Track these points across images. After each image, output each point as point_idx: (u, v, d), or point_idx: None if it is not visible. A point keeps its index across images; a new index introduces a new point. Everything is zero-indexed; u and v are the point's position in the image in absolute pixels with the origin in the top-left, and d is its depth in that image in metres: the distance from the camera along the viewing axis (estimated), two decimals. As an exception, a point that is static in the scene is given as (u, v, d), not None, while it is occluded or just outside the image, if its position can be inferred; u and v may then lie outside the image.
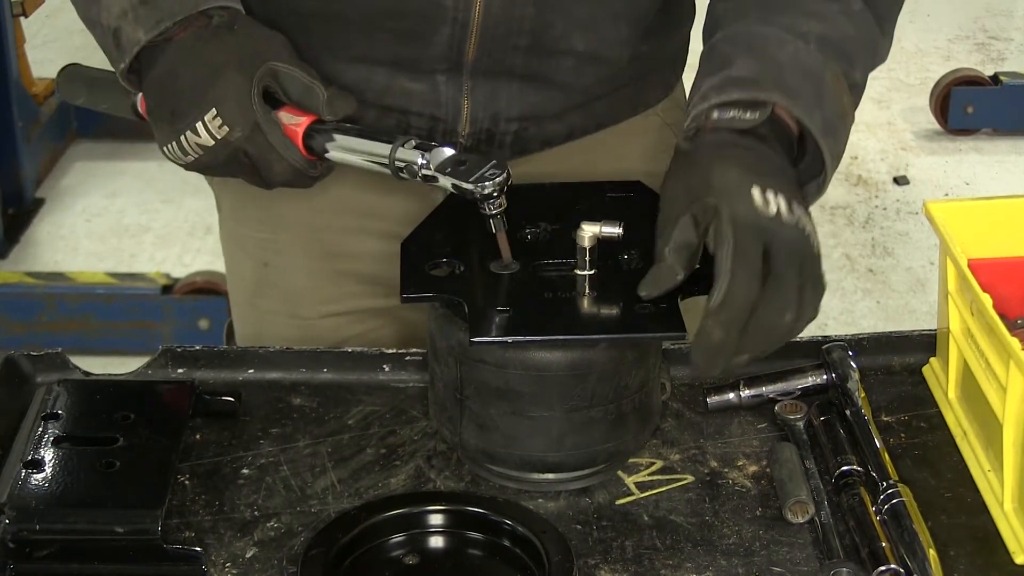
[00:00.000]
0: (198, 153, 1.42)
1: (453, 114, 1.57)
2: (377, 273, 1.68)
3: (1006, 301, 1.48)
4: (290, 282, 1.73)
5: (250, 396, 1.53)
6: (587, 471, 1.42)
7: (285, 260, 1.73)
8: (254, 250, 1.75)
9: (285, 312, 1.74)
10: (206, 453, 1.46)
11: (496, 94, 1.56)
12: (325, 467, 1.45)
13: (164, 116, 1.44)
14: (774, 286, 1.30)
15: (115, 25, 1.43)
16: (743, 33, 1.45)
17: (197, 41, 1.42)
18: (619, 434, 1.40)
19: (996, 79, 4.74)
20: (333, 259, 1.70)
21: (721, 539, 1.37)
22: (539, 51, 1.54)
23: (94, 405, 1.46)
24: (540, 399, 1.37)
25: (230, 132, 1.40)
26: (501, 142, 1.60)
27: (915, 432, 1.50)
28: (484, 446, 1.41)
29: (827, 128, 1.40)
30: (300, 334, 1.71)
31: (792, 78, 1.40)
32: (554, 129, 1.63)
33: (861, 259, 4.18)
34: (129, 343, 3.56)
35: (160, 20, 1.41)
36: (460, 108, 1.56)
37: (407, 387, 1.56)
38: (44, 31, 5.19)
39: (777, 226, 1.30)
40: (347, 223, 1.68)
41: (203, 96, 1.40)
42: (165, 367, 1.56)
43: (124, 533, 1.31)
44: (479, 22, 1.49)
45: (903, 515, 1.34)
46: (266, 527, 1.37)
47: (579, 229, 1.39)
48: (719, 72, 1.41)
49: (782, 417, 1.50)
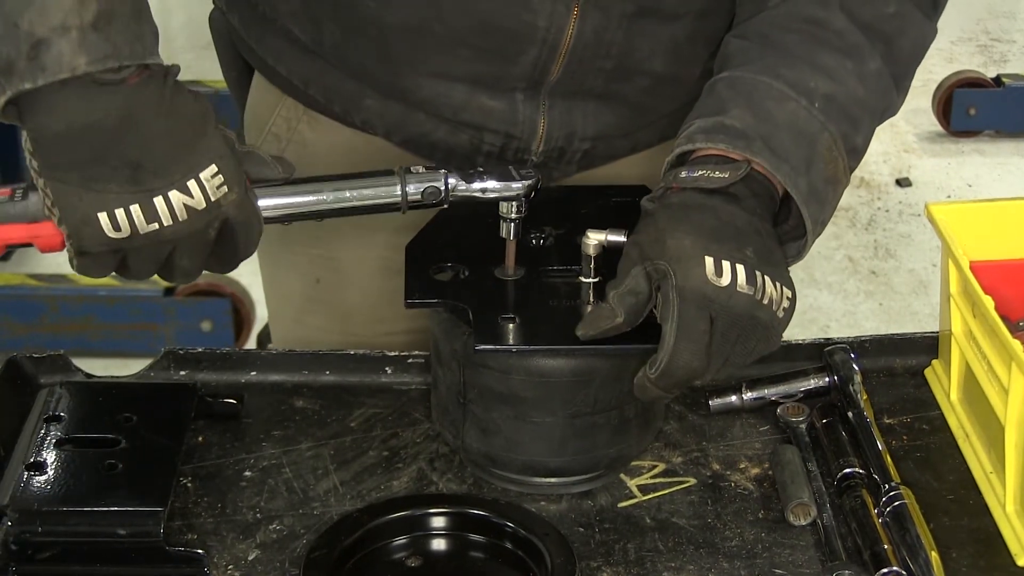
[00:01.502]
0: (171, 221, 1.25)
1: (528, 132, 1.55)
2: None
3: (1008, 303, 1.48)
4: (344, 299, 1.71)
5: (252, 398, 1.53)
6: (589, 475, 1.42)
7: (340, 277, 1.70)
8: (306, 266, 1.71)
9: (338, 330, 1.71)
10: (208, 455, 1.46)
11: (572, 113, 1.56)
12: (327, 469, 1.45)
13: (109, 173, 1.23)
14: (718, 355, 1.29)
15: (43, 36, 1.19)
16: (748, 80, 1.42)
17: (162, 90, 1.25)
18: (622, 439, 1.40)
19: (998, 81, 4.74)
20: (390, 277, 1.63)
21: (723, 541, 1.37)
22: (620, 73, 1.53)
23: (96, 407, 1.46)
24: (543, 404, 1.37)
25: (228, 192, 1.27)
26: (571, 159, 1.60)
27: (917, 434, 1.50)
28: (486, 450, 1.40)
29: (812, 194, 1.37)
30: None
31: (783, 138, 1.37)
32: (621, 144, 1.63)
33: (863, 261, 4.17)
34: (131, 345, 3.56)
35: (109, 56, 1.20)
36: (536, 126, 1.55)
37: (410, 389, 1.56)
38: (46, 33, 5.18)
39: (726, 297, 1.28)
40: (403, 241, 1.60)
41: (193, 150, 1.25)
42: (167, 369, 1.56)
43: (126, 535, 1.31)
44: (569, 45, 1.48)
45: (905, 517, 1.34)
46: (268, 529, 1.37)
47: (585, 237, 1.38)
48: (713, 115, 1.39)
49: (784, 419, 1.50)
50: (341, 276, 1.70)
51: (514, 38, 1.48)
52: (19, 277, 3.77)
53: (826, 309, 3.96)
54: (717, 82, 1.44)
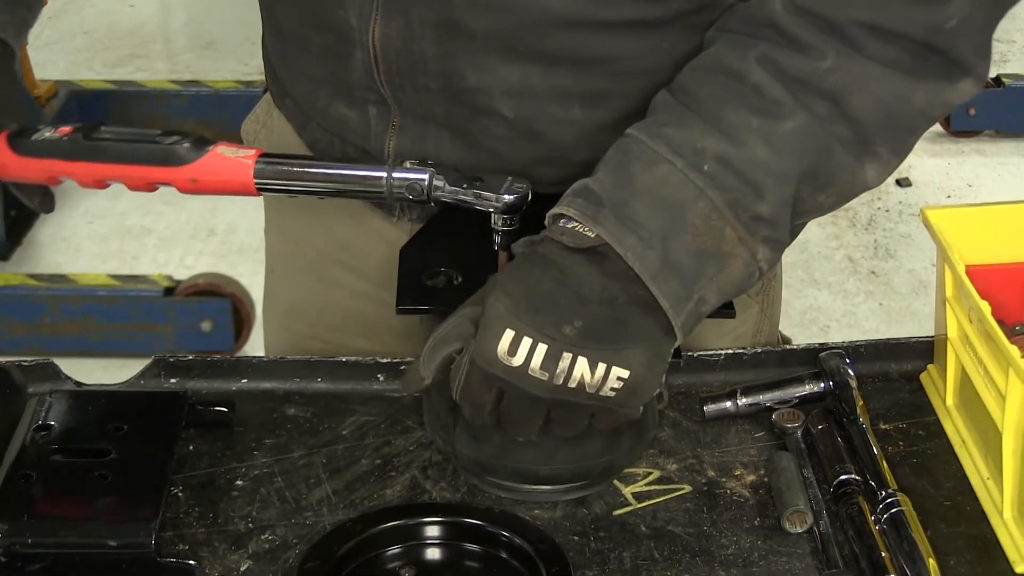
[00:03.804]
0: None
1: (379, 150, 1.50)
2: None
3: (1004, 307, 1.47)
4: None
5: (244, 406, 1.52)
6: (581, 483, 1.41)
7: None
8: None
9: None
10: (200, 464, 1.45)
11: (424, 139, 1.47)
12: (320, 478, 1.44)
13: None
14: (525, 423, 1.29)
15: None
16: (628, 139, 1.30)
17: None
18: (614, 448, 1.40)
19: (999, 81, 4.73)
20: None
21: (719, 549, 1.36)
22: (459, 103, 1.43)
23: (86, 416, 1.45)
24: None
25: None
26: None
27: (913, 440, 1.50)
28: (477, 456, 1.40)
29: (668, 268, 1.24)
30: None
31: (636, 206, 1.25)
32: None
33: (864, 261, 4.17)
34: (131, 345, 3.57)
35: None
36: (385, 145, 1.49)
37: (402, 397, 1.55)
38: (46, 33, 5.19)
39: (516, 378, 1.24)
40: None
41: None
42: (158, 377, 1.55)
43: (117, 547, 1.30)
44: (378, 48, 1.42)
45: (903, 524, 1.33)
46: (261, 539, 1.37)
47: None
48: (590, 176, 1.30)
49: (779, 425, 1.49)
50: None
51: (339, 36, 1.44)
52: (19, 277, 3.77)
53: (826, 309, 3.95)
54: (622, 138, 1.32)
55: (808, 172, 1.29)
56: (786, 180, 1.28)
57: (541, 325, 1.23)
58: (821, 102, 1.28)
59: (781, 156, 1.27)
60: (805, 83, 1.28)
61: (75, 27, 5.40)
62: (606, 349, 1.24)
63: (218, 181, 1.36)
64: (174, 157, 1.36)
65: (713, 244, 1.26)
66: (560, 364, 1.23)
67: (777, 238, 1.29)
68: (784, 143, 1.27)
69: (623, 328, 1.25)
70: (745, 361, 1.57)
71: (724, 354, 1.57)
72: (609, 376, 1.24)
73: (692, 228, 1.25)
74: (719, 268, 1.27)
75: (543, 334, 1.23)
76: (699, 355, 1.57)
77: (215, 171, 1.36)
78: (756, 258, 1.28)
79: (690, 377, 1.57)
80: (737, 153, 1.26)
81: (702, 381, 1.57)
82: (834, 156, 1.29)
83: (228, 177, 1.36)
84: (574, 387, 1.24)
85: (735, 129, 1.27)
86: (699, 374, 1.57)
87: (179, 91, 4.54)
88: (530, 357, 1.23)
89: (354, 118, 1.50)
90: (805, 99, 1.27)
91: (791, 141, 1.27)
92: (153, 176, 1.37)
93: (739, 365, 1.57)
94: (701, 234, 1.25)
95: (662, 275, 1.25)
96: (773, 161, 1.27)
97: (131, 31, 5.42)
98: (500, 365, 1.24)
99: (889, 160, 1.33)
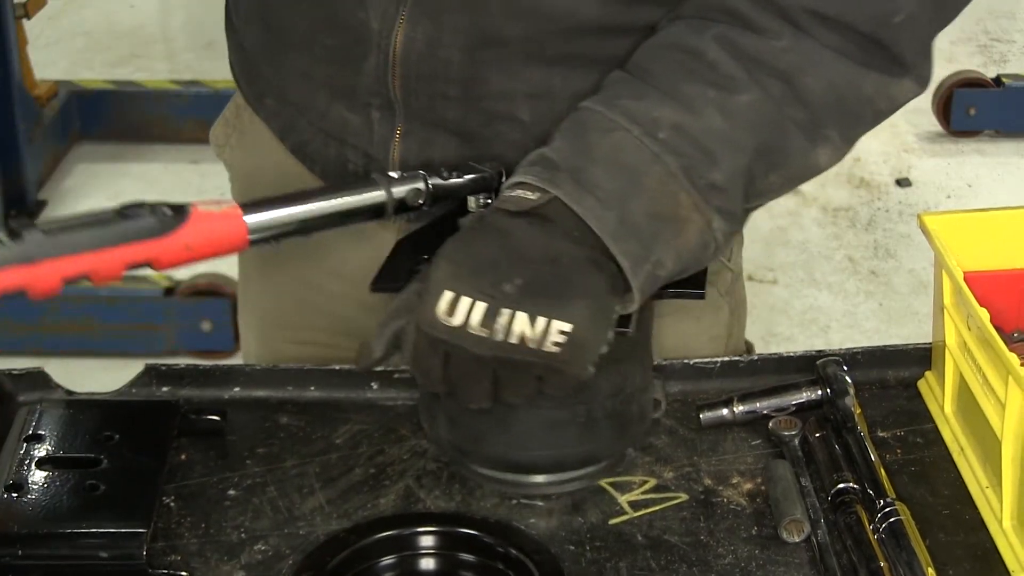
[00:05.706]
0: None
1: (383, 155, 1.49)
2: None
3: (1003, 314, 1.46)
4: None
5: (236, 415, 1.51)
6: (561, 476, 1.40)
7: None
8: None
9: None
10: (192, 474, 1.44)
11: (431, 145, 1.47)
12: (313, 488, 1.43)
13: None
14: (472, 385, 1.27)
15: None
16: (584, 110, 1.32)
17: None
18: (590, 439, 1.39)
19: (999, 81, 4.72)
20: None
21: (716, 559, 1.35)
22: (476, 110, 1.44)
23: (77, 426, 1.44)
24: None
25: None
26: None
27: (911, 447, 1.49)
28: (455, 440, 1.41)
29: (626, 229, 1.26)
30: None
31: (595, 171, 1.27)
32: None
33: (863, 261, 4.17)
34: (131, 345, 3.56)
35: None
36: (390, 150, 1.49)
37: (396, 405, 1.54)
38: (47, 33, 5.19)
39: (457, 338, 1.23)
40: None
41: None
42: (149, 385, 1.54)
43: (109, 558, 1.30)
44: (399, 52, 1.42)
45: (901, 533, 1.32)
46: (253, 550, 1.36)
47: None
48: (544, 146, 1.32)
49: (776, 433, 1.48)
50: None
51: (355, 38, 1.43)
52: (19, 278, 3.76)
53: (826, 309, 3.95)
54: (577, 110, 1.35)
55: (762, 148, 1.31)
56: (740, 150, 1.30)
57: (480, 285, 1.24)
58: (775, 81, 1.30)
59: (735, 126, 1.30)
60: (760, 61, 1.30)
61: (75, 27, 5.39)
62: (547, 303, 1.24)
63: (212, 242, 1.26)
64: (157, 227, 1.23)
65: (669, 208, 1.28)
66: (499, 320, 1.23)
67: (730, 209, 1.31)
68: (739, 115, 1.30)
69: (565, 284, 1.25)
70: (741, 368, 1.57)
71: (720, 361, 1.57)
72: (550, 330, 1.23)
73: (648, 191, 1.28)
74: (675, 233, 1.29)
75: (482, 292, 1.24)
76: (695, 362, 1.56)
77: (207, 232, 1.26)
78: (711, 227, 1.30)
79: (686, 385, 1.56)
80: (693, 122, 1.29)
81: (698, 388, 1.56)
82: (788, 136, 1.32)
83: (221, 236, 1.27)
84: (515, 343, 1.23)
85: (691, 100, 1.29)
86: (695, 382, 1.56)
87: (179, 91, 4.54)
88: (469, 315, 1.23)
89: (356, 121, 1.49)
90: (759, 76, 1.30)
91: (746, 113, 1.30)
92: (136, 255, 1.22)
93: (735, 372, 1.56)
94: (657, 197, 1.28)
95: (620, 234, 1.26)
96: (727, 130, 1.30)
97: (131, 31, 5.42)
98: (440, 326, 1.24)
99: (840, 146, 1.36)
